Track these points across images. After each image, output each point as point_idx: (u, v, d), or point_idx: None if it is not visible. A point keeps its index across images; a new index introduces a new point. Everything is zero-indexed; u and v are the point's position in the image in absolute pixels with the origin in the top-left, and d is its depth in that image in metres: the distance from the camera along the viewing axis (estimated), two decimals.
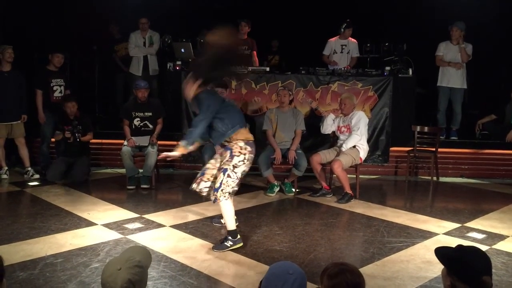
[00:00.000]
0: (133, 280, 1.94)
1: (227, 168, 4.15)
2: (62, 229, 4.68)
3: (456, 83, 7.52)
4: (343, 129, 6.11)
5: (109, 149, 7.44)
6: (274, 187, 6.15)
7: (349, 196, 5.85)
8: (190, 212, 5.34)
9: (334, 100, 6.99)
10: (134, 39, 7.94)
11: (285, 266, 2.05)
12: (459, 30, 7.31)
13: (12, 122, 6.68)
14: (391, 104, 7.05)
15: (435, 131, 7.11)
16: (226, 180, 4.13)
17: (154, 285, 3.52)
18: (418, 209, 5.68)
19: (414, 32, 8.36)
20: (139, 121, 6.55)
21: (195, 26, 8.78)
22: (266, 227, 4.89)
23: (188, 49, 7.17)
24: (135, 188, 6.30)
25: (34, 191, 6.16)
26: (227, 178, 4.13)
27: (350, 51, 7.87)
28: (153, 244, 4.33)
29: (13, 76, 6.65)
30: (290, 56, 9.28)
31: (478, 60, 7.81)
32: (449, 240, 4.56)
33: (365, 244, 4.51)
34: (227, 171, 4.14)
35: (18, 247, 4.21)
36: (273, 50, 10.02)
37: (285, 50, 9.74)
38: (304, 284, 2.01)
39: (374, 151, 7.07)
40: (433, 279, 3.68)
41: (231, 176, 4.15)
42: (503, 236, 4.73)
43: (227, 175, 4.14)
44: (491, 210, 5.64)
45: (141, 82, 6.67)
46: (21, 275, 3.62)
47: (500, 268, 3.93)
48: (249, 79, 7.04)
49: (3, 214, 5.18)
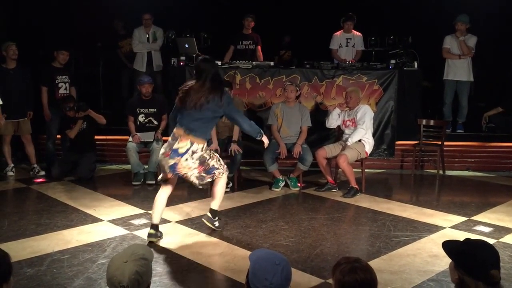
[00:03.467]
0: (140, 272, 1.98)
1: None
2: (69, 226, 4.70)
3: (463, 76, 7.47)
4: (349, 123, 6.08)
5: (114, 145, 7.45)
6: (279, 182, 6.14)
7: (355, 190, 5.84)
8: (195, 207, 5.34)
9: (339, 94, 6.96)
10: (137, 35, 7.94)
11: (269, 257, 2.05)
12: (464, 24, 7.26)
13: (19, 119, 6.70)
14: (396, 97, 7.00)
15: (441, 124, 7.07)
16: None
17: (160, 280, 3.53)
18: (425, 203, 5.65)
19: (420, 25, 8.31)
20: (143, 117, 6.55)
21: (199, 21, 8.78)
22: (272, 222, 4.88)
23: (192, 45, 7.16)
24: (141, 184, 6.31)
25: (40, 187, 6.18)
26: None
27: (355, 44, 7.84)
28: (159, 240, 4.34)
29: (18, 73, 6.65)
30: (302, 51, 9.12)
31: (484, 52, 7.75)
32: (456, 233, 4.54)
33: (371, 238, 4.50)
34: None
35: (25, 243, 4.23)
36: (285, 45, 9.93)
37: (298, 45, 9.61)
38: (290, 269, 2.04)
39: (380, 145, 7.03)
40: (440, 273, 3.66)
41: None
42: (510, 229, 4.70)
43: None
44: (498, 203, 5.60)
45: (145, 78, 6.67)
46: (28, 272, 3.64)
47: (508, 262, 3.91)
48: (254, 74, 7.02)
49: (9, 211, 5.21)
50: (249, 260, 2.07)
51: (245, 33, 8.01)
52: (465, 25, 7.27)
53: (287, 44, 9.96)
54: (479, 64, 7.87)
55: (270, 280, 1.95)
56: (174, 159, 4.13)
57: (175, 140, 4.16)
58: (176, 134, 4.20)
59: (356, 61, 7.51)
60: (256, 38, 7.98)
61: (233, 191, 5.96)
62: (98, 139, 7.09)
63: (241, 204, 5.50)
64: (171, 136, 4.24)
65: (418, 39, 7.46)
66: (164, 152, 4.19)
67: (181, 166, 4.15)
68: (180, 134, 4.16)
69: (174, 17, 8.79)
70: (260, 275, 1.97)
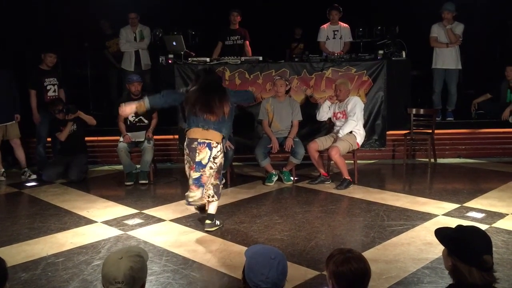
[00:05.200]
0: (135, 268, 1.98)
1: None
2: (62, 228, 4.68)
3: (451, 64, 7.51)
4: (339, 115, 6.09)
5: (105, 146, 7.41)
6: (272, 177, 6.15)
7: (347, 182, 5.85)
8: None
9: (328, 87, 6.96)
10: (124, 35, 7.89)
11: (264, 252, 2.06)
12: (450, 12, 7.30)
13: (6, 123, 6.64)
14: (386, 88, 7.02)
15: (431, 113, 7.10)
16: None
17: (156, 279, 3.52)
18: (417, 191, 5.69)
19: (407, 14, 8.31)
20: (134, 117, 6.51)
21: (185, 19, 8.73)
22: (266, 217, 4.89)
23: (180, 42, 7.12)
24: (133, 184, 6.29)
25: (32, 191, 6.14)
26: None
27: (343, 36, 7.83)
28: (154, 239, 4.33)
29: (1, 77, 6.57)
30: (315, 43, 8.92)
31: (472, 39, 7.78)
32: (449, 220, 4.57)
33: (366, 228, 4.52)
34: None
35: (19, 248, 4.20)
36: (297, 38, 9.77)
37: (310, 37, 9.33)
38: (286, 263, 2.05)
39: (371, 135, 7.05)
40: (435, 260, 3.69)
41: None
42: (503, 214, 4.75)
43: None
44: (490, 189, 5.65)
45: (133, 76, 6.63)
46: (23, 276, 3.62)
47: (501, 246, 3.95)
48: (243, 69, 7.00)
49: (2, 216, 5.17)
50: (245, 256, 2.08)
51: (232, 28, 7.99)
52: (451, 14, 7.31)
53: (298, 37, 9.75)
54: (467, 51, 7.91)
55: (266, 275, 1.96)
56: (199, 172, 4.26)
57: (194, 152, 4.26)
58: (192, 144, 4.26)
59: (345, 53, 7.51)
60: (243, 33, 7.96)
61: (226, 187, 5.96)
62: (89, 141, 7.05)
63: (234, 200, 5.50)
64: (187, 147, 4.31)
65: (405, 29, 7.47)
66: (189, 166, 4.33)
67: (205, 176, 4.29)
68: (197, 135, 4.27)
69: (161, 15, 8.73)
70: (256, 270, 1.98)
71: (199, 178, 4.27)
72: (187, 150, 4.34)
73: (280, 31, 7.80)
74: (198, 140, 4.27)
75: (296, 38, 9.80)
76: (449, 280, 2.10)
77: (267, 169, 6.15)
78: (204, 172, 4.28)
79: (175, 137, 7.13)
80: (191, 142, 4.31)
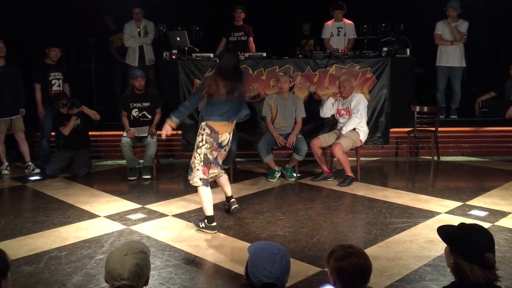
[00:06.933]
0: (140, 264, 2.00)
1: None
2: (65, 222, 4.70)
3: (455, 62, 7.48)
4: (343, 112, 6.09)
5: (108, 141, 7.43)
6: (275, 173, 6.15)
7: (350, 179, 5.86)
8: (192, 201, 5.34)
9: (332, 84, 6.95)
10: (128, 30, 7.88)
11: (267, 247, 2.07)
12: (455, 10, 7.28)
13: (11, 117, 6.67)
14: (389, 85, 7.01)
15: (434, 110, 7.09)
16: (192, 160, 4.40)
17: (159, 274, 3.54)
18: (420, 189, 5.69)
19: (411, 11, 8.28)
20: (137, 112, 6.53)
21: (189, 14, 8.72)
22: (269, 213, 4.90)
23: (184, 38, 7.12)
24: (137, 179, 6.31)
25: (35, 185, 6.17)
26: (192, 158, 4.41)
27: (347, 33, 7.82)
28: (157, 234, 4.35)
29: (8, 71, 6.59)
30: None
31: (477, 37, 7.74)
32: (451, 218, 4.57)
33: (368, 226, 4.53)
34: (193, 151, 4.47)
35: (22, 241, 4.23)
36: (305, 34, 9.66)
37: (318, 33, 9.23)
38: (289, 259, 2.06)
39: (374, 133, 7.05)
40: (437, 258, 3.69)
41: (195, 156, 4.38)
42: (505, 212, 4.75)
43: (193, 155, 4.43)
44: (493, 188, 5.64)
45: (137, 71, 6.64)
46: (26, 269, 3.64)
47: (503, 245, 3.95)
48: (247, 65, 6.99)
49: (5, 210, 5.19)
50: (248, 252, 2.09)
51: (236, 24, 7.98)
52: (456, 11, 7.29)
53: (307, 33, 9.63)
54: (471, 49, 7.88)
55: (269, 270, 1.97)
56: (217, 151, 4.43)
57: (216, 133, 4.34)
58: (216, 128, 4.33)
59: (349, 49, 7.50)
60: (247, 30, 7.95)
61: (229, 183, 5.96)
62: (93, 135, 7.07)
63: (237, 196, 5.48)
64: (210, 130, 4.34)
65: (410, 26, 7.45)
66: (210, 146, 4.36)
67: (220, 156, 4.50)
68: (222, 128, 4.34)
69: (165, 10, 8.72)
70: (259, 265, 1.99)
71: (217, 157, 4.48)
72: (210, 132, 4.37)
73: (287, 27, 7.71)
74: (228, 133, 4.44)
75: (305, 34, 9.70)
76: (451, 278, 2.10)
77: (270, 165, 6.15)
78: (220, 152, 4.48)
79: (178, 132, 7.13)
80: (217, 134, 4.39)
